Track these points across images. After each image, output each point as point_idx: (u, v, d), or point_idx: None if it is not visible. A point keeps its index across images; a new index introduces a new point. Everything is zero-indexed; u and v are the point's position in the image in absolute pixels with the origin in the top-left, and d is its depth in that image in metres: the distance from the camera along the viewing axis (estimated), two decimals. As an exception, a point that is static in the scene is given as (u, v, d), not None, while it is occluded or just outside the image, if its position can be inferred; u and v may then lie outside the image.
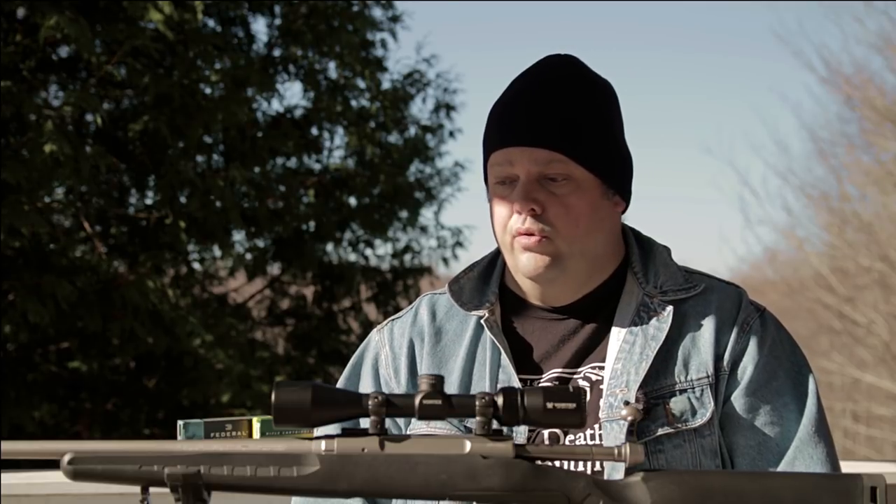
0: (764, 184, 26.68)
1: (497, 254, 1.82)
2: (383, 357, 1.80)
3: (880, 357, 16.41)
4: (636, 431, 1.40)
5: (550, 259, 1.68)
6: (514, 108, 1.71)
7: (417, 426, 1.70)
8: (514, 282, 1.77)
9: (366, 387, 1.79)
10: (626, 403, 1.60)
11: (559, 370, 1.71)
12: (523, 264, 1.69)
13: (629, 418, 1.39)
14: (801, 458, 1.66)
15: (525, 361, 1.72)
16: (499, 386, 1.69)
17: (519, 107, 1.71)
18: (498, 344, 1.71)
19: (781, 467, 1.65)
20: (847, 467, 1.77)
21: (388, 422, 1.36)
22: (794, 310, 17.65)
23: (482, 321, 1.74)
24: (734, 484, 1.39)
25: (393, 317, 1.85)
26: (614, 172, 1.73)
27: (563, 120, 1.68)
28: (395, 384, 1.77)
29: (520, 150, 1.68)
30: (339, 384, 1.83)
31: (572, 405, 1.32)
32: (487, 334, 1.73)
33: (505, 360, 1.71)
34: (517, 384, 1.69)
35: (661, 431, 1.64)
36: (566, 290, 1.73)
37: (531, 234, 1.67)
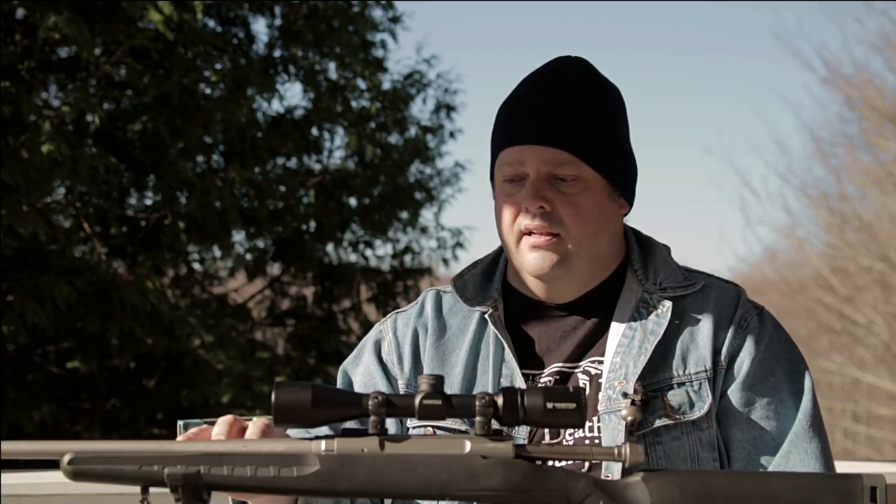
0: (764, 184, 26.63)
1: (500, 251, 1.83)
2: (385, 344, 1.81)
3: (880, 357, 16.40)
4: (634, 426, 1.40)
5: (559, 258, 1.69)
6: (524, 106, 1.72)
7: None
8: (516, 279, 1.79)
9: (367, 367, 1.80)
10: (625, 395, 1.62)
11: (560, 364, 1.73)
12: (530, 262, 1.70)
13: (629, 418, 1.39)
14: (795, 452, 1.67)
15: (527, 356, 1.74)
16: (502, 380, 1.71)
17: (529, 105, 1.71)
18: (501, 339, 1.73)
19: (776, 461, 1.67)
20: (847, 467, 1.78)
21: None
22: (794, 310, 17.65)
23: (486, 316, 1.76)
24: (734, 484, 1.38)
25: (397, 310, 1.87)
26: (621, 174, 1.74)
27: (574, 120, 1.69)
28: (399, 370, 1.78)
29: (530, 148, 1.69)
30: (341, 369, 1.84)
31: (572, 405, 1.33)
32: (491, 329, 1.75)
33: (508, 354, 1.72)
34: (520, 378, 1.71)
35: (658, 423, 1.66)
36: (569, 288, 1.74)
37: (542, 233, 1.68)
